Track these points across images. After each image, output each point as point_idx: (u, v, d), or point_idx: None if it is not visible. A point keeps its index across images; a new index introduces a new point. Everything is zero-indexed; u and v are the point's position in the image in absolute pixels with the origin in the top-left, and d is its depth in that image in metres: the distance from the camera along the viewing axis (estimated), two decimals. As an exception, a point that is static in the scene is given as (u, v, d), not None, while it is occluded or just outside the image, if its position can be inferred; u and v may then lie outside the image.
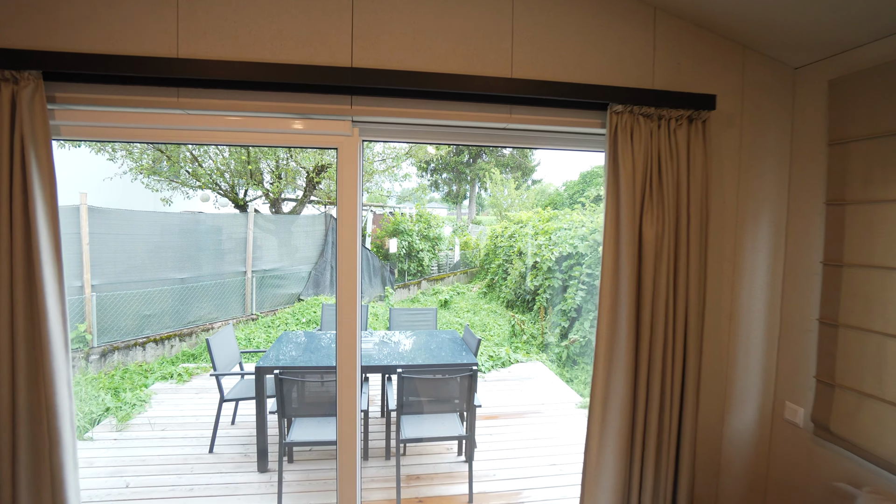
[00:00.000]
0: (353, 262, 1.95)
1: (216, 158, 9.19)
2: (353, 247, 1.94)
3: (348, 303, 1.98)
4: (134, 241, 6.87)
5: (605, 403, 2.08)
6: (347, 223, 1.94)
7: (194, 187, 9.64)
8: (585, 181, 14.93)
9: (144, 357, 6.80)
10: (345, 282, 1.96)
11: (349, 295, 1.98)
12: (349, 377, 2.05)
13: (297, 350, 3.74)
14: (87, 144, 8.12)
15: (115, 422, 4.16)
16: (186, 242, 7.48)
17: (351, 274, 1.96)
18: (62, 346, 1.74)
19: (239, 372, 3.72)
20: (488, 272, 13.99)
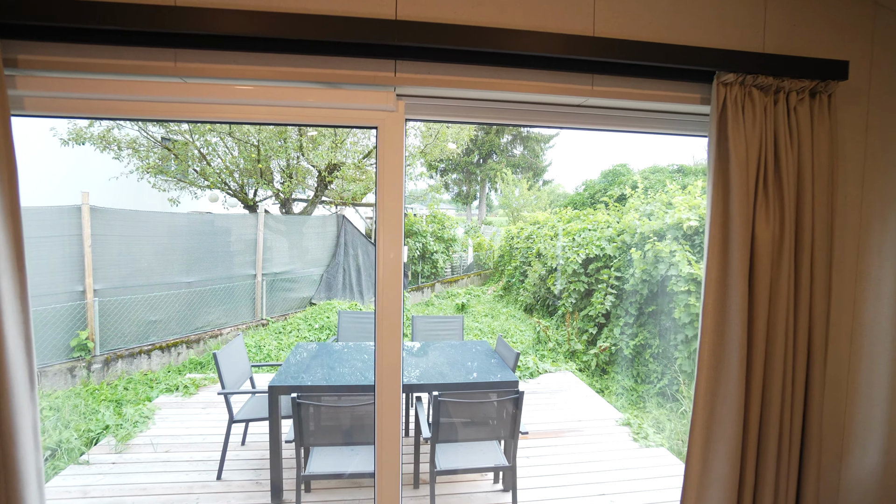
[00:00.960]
0: (396, 263, 1.55)
1: (225, 157, 8.85)
2: (396, 245, 1.55)
3: (390, 312, 1.59)
4: (139, 242, 6.53)
5: (707, 448, 1.66)
6: (390, 217, 1.55)
7: (202, 187, 9.30)
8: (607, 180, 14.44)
9: (150, 365, 6.45)
10: (387, 287, 1.57)
11: (392, 302, 1.58)
12: (391, 399, 1.65)
13: (315, 365, 3.35)
14: (91, 142, 7.80)
15: (115, 442, 3.80)
16: (194, 244, 7.13)
17: (394, 278, 1.56)
18: (25, 381, 1.35)
19: (250, 391, 3.34)
20: (503, 274, 13.56)
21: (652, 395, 6.22)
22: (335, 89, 1.48)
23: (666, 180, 8.98)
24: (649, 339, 6.53)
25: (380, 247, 1.55)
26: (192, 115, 1.44)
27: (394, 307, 1.56)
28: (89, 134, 7.80)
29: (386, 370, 1.61)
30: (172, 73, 1.41)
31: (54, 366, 5.59)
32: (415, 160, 9.39)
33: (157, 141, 8.44)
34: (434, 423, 2.64)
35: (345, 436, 2.63)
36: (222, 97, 1.43)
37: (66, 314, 5.73)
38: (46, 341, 5.56)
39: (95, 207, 5.99)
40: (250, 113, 1.48)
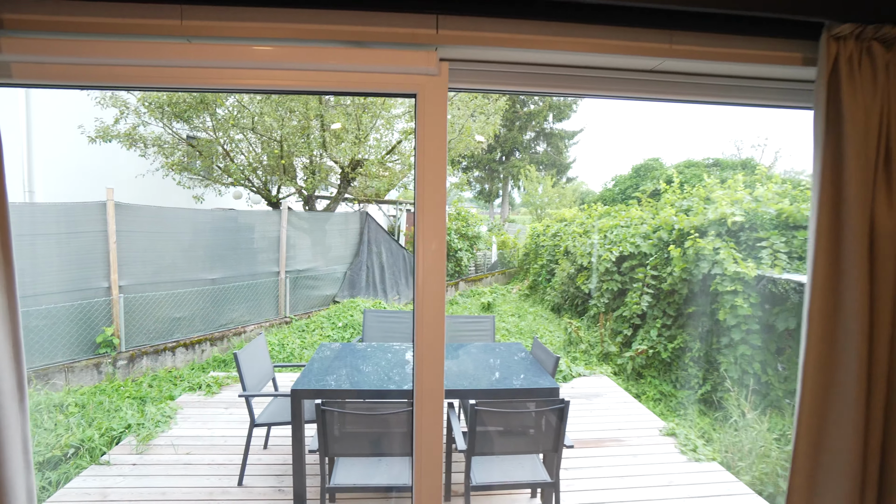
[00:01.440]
0: (439, 254, 1.32)
1: (248, 154, 8.79)
2: (439, 234, 1.32)
3: (432, 309, 1.35)
4: (163, 239, 6.48)
5: (812, 485, 1.37)
6: (431, 201, 1.32)
7: (226, 184, 9.27)
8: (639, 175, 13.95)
9: (174, 362, 6.40)
10: (428, 281, 1.34)
11: (433, 298, 1.35)
12: (432, 406, 1.42)
13: (339, 367, 3.15)
14: (118, 139, 7.82)
15: (136, 442, 3.68)
16: (218, 241, 7.06)
17: (436, 270, 1.33)
18: (13, 389, 1.16)
19: (272, 394, 3.17)
20: (529, 273, 13.24)
21: (693, 401, 5.86)
22: (367, 49, 1.26)
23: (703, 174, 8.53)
24: (689, 341, 6.16)
25: (420, 236, 1.32)
26: (201, 81, 1.24)
27: (436, 304, 1.33)
28: (115, 132, 7.82)
29: (427, 374, 1.38)
30: (178, 32, 1.21)
31: (81, 362, 5.56)
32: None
33: (181, 138, 8.42)
34: (470, 434, 2.40)
35: (373, 446, 2.42)
36: (236, 60, 1.22)
37: (92, 310, 5.70)
38: (73, 337, 5.54)
39: (120, 203, 5.95)
40: (269, 78, 1.26)
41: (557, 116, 29.79)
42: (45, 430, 4.11)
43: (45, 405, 4.57)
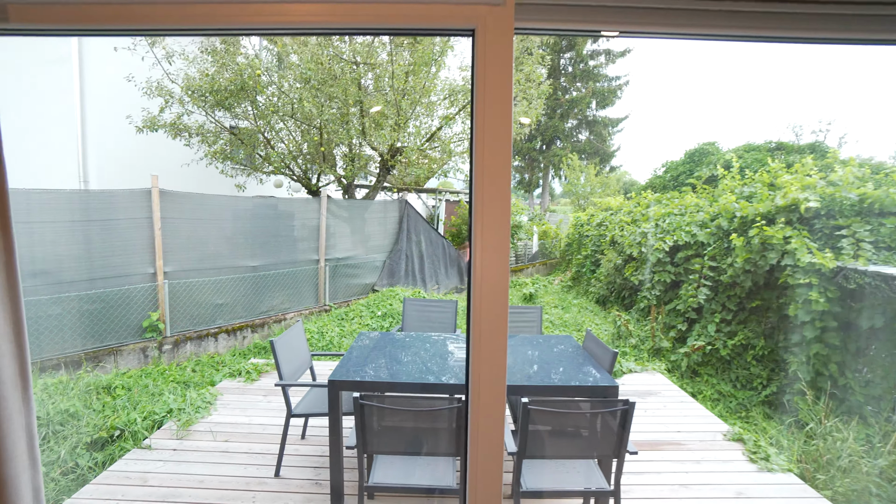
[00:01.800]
0: (502, 225, 1.08)
1: (288, 142, 8.79)
2: (502, 202, 1.08)
3: (494, 291, 1.11)
4: (206, 226, 6.53)
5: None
6: (493, 163, 1.08)
7: (267, 172, 9.34)
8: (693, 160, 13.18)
9: (217, 348, 6.46)
10: (489, 259, 1.10)
11: (496, 278, 1.11)
12: (492, 403, 1.19)
13: (379, 358, 2.98)
14: (164, 129, 7.97)
15: (176, 428, 3.65)
16: (259, 228, 7.08)
17: (499, 246, 1.09)
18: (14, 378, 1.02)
19: (308, 384, 3.04)
20: (571, 264, 12.79)
21: (755, 403, 5.40)
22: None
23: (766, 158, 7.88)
24: (752, 338, 5.68)
25: (477, 205, 1.08)
26: (222, 21, 1.05)
27: (498, 284, 1.09)
28: (161, 121, 7.96)
29: (486, 367, 1.15)
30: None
31: (128, 345, 5.68)
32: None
33: (223, 127, 8.50)
34: (521, 435, 2.17)
35: (415, 444, 2.23)
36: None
37: (139, 295, 5.80)
38: (121, 321, 5.65)
39: (164, 191, 6.01)
40: (302, 14, 1.05)
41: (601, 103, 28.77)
42: (94, 411, 4.17)
43: (94, 387, 4.66)
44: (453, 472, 2.35)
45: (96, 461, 3.48)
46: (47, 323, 5.06)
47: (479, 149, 1.11)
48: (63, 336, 5.20)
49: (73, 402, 4.11)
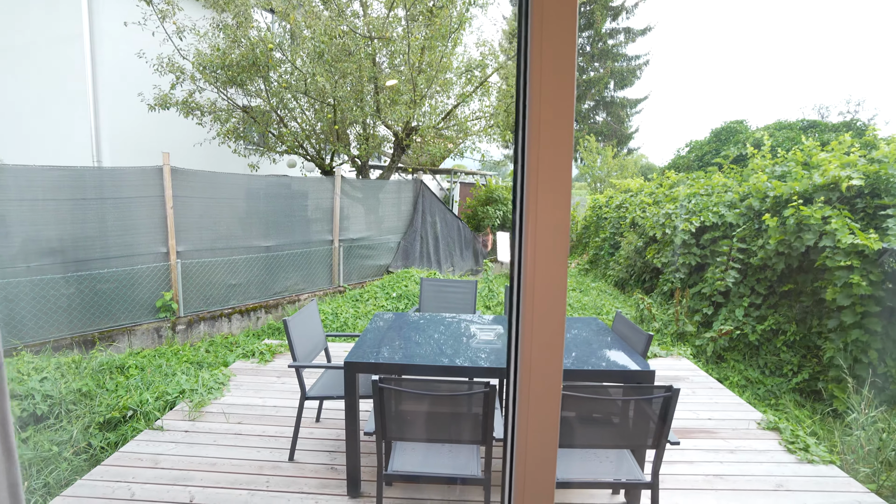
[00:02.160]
0: (563, 190, 0.88)
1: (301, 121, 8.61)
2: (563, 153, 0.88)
3: (549, 255, 0.92)
4: (218, 205, 6.41)
5: None
6: (551, 113, 0.87)
7: (280, 152, 9.19)
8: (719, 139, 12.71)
9: (230, 328, 6.40)
10: (544, 219, 0.90)
11: (554, 240, 0.91)
12: (545, 389, 1.01)
13: (396, 339, 2.83)
14: (176, 107, 7.83)
15: (188, 409, 3.57)
16: (272, 207, 6.95)
17: (559, 214, 0.89)
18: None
19: (323, 365, 2.90)
20: (588, 247, 12.53)
21: (785, 391, 5.18)
22: None
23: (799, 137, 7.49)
24: (783, 323, 5.43)
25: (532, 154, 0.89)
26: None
27: (557, 248, 0.90)
28: (173, 99, 7.82)
29: (538, 347, 0.96)
30: None
31: (142, 325, 5.63)
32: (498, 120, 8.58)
33: (235, 105, 8.34)
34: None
35: (439, 430, 2.08)
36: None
37: (151, 275, 5.73)
38: (135, 301, 5.60)
39: (176, 169, 5.89)
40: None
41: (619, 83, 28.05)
42: (107, 391, 4.11)
43: (107, 366, 4.61)
44: (477, 460, 2.20)
45: (108, 441, 3.41)
46: (60, 302, 5.01)
47: (533, 104, 0.90)
48: (76, 315, 5.15)
49: (86, 381, 4.05)
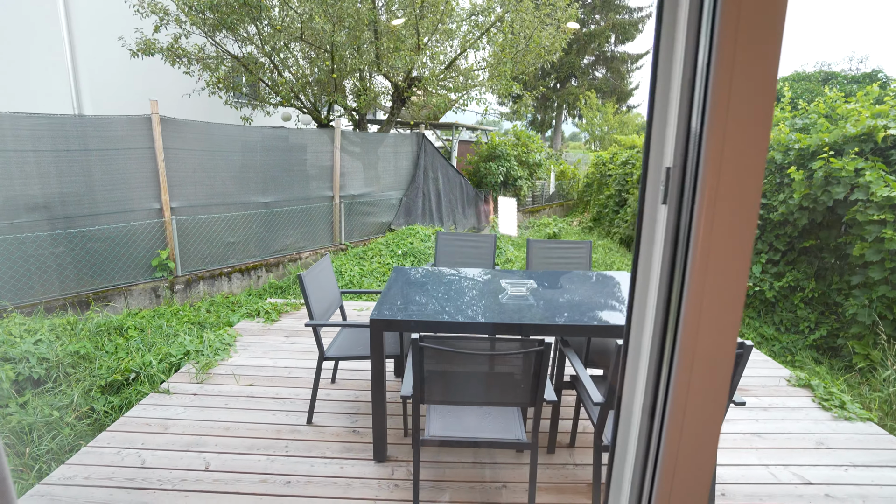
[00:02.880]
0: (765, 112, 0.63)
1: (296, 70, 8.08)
2: (768, 83, 0.62)
3: (732, 228, 0.68)
4: (213, 158, 6.04)
5: None
6: (744, 93, 0.61)
7: (274, 104, 8.69)
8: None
9: (231, 288, 6.17)
10: (721, 207, 0.66)
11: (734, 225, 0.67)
12: (720, 363, 0.78)
13: (422, 295, 2.61)
14: (161, 53, 7.28)
15: (195, 371, 3.38)
16: (269, 161, 6.58)
17: (748, 192, 0.64)
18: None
19: (347, 323, 2.69)
20: (590, 205, 12.29)
21: (801, 347, 5.11)
22: None
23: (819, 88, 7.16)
24: (802, 280, 5.30)
25: (712, 152, 0.63)
26: None
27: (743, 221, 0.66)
28: (158, 45, 7.26)
29: (708, 313, 0.73)
30: None
31: (138, 285, 5.38)
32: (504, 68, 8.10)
33: (225, 51, 7.78)
34: (614, 381, 1.82)
35: (484, 393, 1.89)
36: None
37: (145, 233, 5.42)
38: (128, 260, 5.32)
39: (166, 118, 5.48)
40: None
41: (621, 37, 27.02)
42: (106, 353, 3.90)
43: (105, 328, 4.39)
44: (519, 423, 2.04)
45: (112, 405, 3.23)
46: (49, 262, 4.73)
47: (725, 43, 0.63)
48: (67, 275, 4.88)
49: (84, 343, 3.83)
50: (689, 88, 0.67)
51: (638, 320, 0.86)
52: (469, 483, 2.29)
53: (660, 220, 0.78)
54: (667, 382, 0.75)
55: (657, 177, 0.77)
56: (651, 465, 0.81)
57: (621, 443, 0.93)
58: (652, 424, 0.80)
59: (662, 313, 0.76)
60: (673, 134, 0.71)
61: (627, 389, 0.90)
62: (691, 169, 0.66)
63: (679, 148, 0.71)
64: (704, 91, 0.62)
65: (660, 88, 0.72)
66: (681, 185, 0.69)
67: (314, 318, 2.62)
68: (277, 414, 2.88)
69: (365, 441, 2.62)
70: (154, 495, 2.16)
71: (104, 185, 5.11)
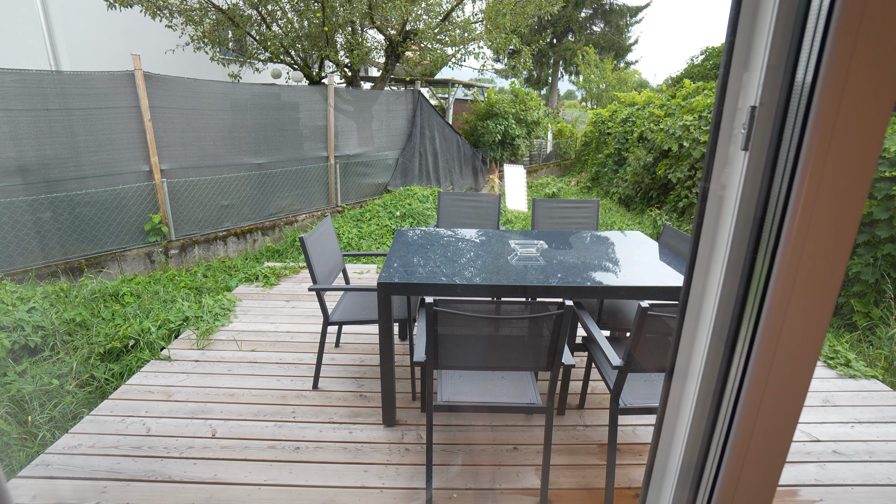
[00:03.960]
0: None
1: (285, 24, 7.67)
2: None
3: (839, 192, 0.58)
4: (202, 117, 5.79)
5: None
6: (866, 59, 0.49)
7: (263, 60, 8.31)
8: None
9: (226, 252, 6.06)
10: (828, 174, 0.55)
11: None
12: (813, 330, 0.70)
13: (430, 257, 2.52)
14: (139, 4, 6.85)
15: (195, 337, 3.31)
16: (261, 120, 6.33)
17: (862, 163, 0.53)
18: None
19: (354, 287, 2.61)
20: (588, 164, 12.09)
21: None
22: None
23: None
24: (806, 238, 5.25)
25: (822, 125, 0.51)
26: None
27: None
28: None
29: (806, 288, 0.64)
30: None
31: (132, 250, 5.25)
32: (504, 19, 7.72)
33: (210, 3, 7.35)
34: (632, 346, 1.76)
35: (500, 357, 1.83)
36: None
37: (136, 196, 5.25)
38: (120, 225, 5.17)
39: (151, 75, 5.21)
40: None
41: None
42: (103, 320, 3.82)
43: (100, 294, 4.29)
44: (534, 387, 1.99)
45: (112, 372, 3.18)
46: (37, 227, 4.57)
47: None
48: (57, 241, 4.74)
49: (79, 310, 3.74)
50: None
51: (699, 283, 0.77)
52: (480, 446, 2.28)
53: (735, 168, 0.67)
54: (746, 356, 0.67)
55: (735, 118, 0.66)
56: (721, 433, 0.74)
57: (672, 409, 0.86)
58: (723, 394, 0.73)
59: (738, 277, 0.67)
60: (763, 63, 0.60)
61: (682, 357, 0.82)
62: (795, 110, 0.56)
63: (771, 83, 0.60)
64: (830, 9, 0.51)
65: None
66: (778, 128, 0.58)
67: (317, 282, 2.53)
68: (282, 379, 2.84)
69: (373, 406, 2.59)
70: (161, 463, 2.13)
71: (89, 147, 4.90)
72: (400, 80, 9.93)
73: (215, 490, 1.99)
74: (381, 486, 2.01)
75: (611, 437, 1.92)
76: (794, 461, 2.24)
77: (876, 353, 3.69)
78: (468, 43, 7.84)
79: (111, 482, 2.02)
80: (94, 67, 6.68)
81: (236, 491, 1.98)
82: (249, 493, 1.98)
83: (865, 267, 4.48)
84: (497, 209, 3.62)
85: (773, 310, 0.61)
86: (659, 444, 0.93)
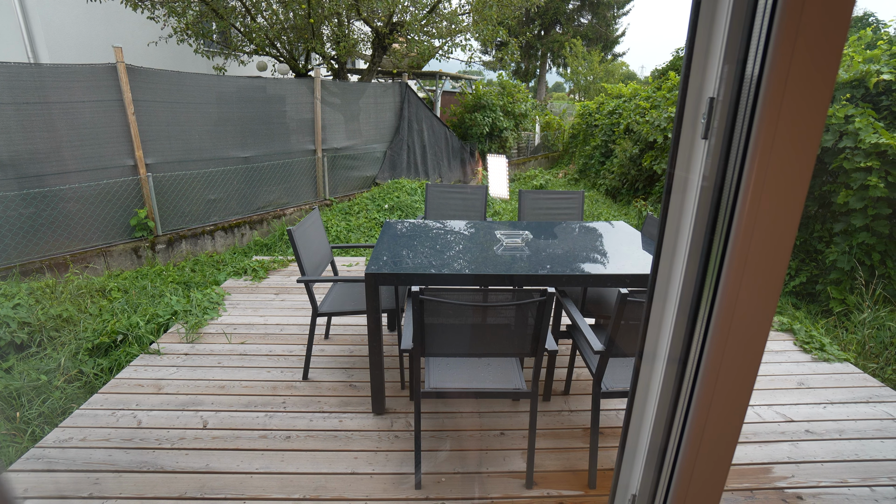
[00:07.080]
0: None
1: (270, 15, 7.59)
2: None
3: (782, 189, 0.63)
4: (187, 111, 5.74)
5: None
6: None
7: (248, 52, 8.23)
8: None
9: (214, 246, 6.04)
10: (778, 149, 0.59)
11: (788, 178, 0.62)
12: (761, 313, 0.76)
13: (416, 248, 2.56)
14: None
15: (185, 331, 3.32)
16: (247, 114, 6.29)
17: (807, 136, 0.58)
18: None
19: (342, 278, 2.64)
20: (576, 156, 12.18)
21: (781, 294, 5.25)
22: None
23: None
24: (785, 227, 5.38)
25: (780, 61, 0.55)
26: None
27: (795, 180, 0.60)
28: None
29: (751, 274, 0.69)
30: None
31: (118, 245, 5.21)
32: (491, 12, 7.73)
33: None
34: (613, 331, 1.82)
35: (486, 344, 1.88)
36: None
37: (121, 191, 5.20)
38: (105, 220, 5.12)
39: (134, 67, 5.14)
40: None
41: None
42: (90, 315, 3.81)
43: (86, 290, 4.27)
44: (519, 373, 2.05)
45: (101, 367, 3.18)
46: (19, 224, 4.52)
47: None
48: (41, 238, 4.69)
49: (66, 306, 3.73)
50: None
51: (665, 267, 0.82)
52: (468, 432, 2.33)
53: (697, 157, 0.72)
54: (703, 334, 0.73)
55: (697, 108, 0.71)
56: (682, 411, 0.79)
57: (642, 389, 0.92)
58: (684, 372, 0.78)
59: (698, 257, 0.72)
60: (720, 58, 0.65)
61: (650, 340, 0.87)
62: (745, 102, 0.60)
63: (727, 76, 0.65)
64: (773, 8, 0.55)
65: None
66: (731, 119, 0.63)
67: (306, 273, 2.56)
68: (272, 371, 2.87)
69: (362, 395, 2.64)
70: (154, 454, 2.16)
71: (71, 142, 4.83)
72: (387, 73, 9.90)
73: (208, 479, 2.02)
74: (370, 472, 2.06)
75: (593, 420, 1.98)
76: (769, 441, 2.33)
77: (849, 337, 3.82)
78: (455, 35, 7.84)
79: (104, 473, 2.04)
80: (74, 60, 6.57)
81: (229, 479, 2.02)
82: (242, 481, 2.01)
83: (842, 255, 4.61)
84: (484, 201, 3.67)
85: (727, 287, 0.67)
86: (630, 425, 0.98)
